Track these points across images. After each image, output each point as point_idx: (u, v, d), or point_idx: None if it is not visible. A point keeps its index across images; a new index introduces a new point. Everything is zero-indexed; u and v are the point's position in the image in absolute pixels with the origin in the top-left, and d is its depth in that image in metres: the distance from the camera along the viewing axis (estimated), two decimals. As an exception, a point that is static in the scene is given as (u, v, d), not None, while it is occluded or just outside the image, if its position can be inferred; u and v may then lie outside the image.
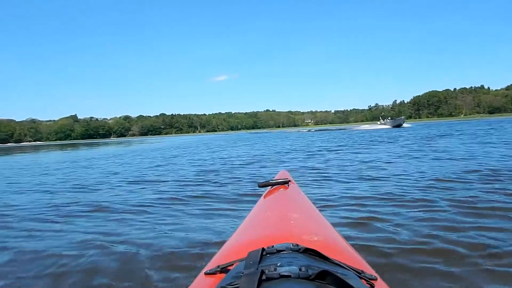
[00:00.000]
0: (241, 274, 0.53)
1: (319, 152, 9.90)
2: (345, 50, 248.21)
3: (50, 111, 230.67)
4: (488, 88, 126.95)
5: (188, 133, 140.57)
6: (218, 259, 0.79)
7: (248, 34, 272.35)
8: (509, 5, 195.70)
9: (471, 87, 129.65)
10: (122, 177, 6.40)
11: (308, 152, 10.32)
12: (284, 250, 0.64)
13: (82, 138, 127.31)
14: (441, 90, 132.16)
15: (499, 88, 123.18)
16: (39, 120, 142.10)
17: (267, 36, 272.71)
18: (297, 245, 0.65)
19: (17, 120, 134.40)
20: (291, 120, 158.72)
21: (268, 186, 1.46)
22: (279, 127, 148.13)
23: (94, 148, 26.34)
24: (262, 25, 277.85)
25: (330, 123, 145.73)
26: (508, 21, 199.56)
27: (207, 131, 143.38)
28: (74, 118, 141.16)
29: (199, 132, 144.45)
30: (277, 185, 1.43)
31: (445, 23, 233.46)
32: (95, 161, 11.45)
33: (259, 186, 1.47)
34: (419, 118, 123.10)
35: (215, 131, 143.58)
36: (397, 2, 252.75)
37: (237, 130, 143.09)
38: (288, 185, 1.42)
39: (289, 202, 1.23)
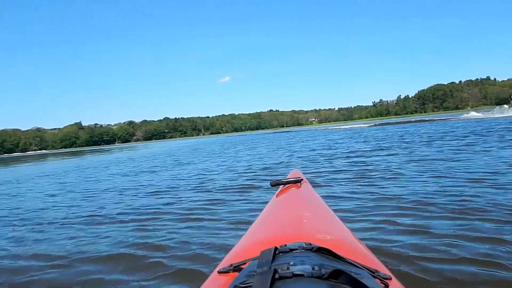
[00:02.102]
0: (254, 273, 0.53)
1: None
2: (348, 47, 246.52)
3: (55, 119, 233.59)
4: (495, 79, 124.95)
5: (192, 136, 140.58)
6: (231, 257, 0.79)
7: (250, 35, 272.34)
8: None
9: (477, 79, 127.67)
10: None
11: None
12: (297, 249, 0.63)
13: (87, 145, 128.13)
14: (446, 83, 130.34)
15: (505, 79, 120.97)
16: (44, 129, 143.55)
17: (269, 36, 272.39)
18: (310, 244, 0.65)
19: (22, 129, 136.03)
20: (295, 119, 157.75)
21: (280, 185, 1.45)
22: (282, 126, 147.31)
23: (70, 158, 24.34)
24: (263, 25, 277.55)
25: (334, 121, 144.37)
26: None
27: (211, 133, 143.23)
28: (78, 125, 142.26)
29: (203, 134, 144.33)
30: (290, 184, 1.42)
31: (448, 14, 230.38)
32: (19, 184, 8.43)
33: (271, 185, 1.45)
34: (425, 112, 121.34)
35: (219, 133, 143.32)
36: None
37: (241, 131, 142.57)
38: (301, 184, 1.41)
39: (302, 201, 1.22)
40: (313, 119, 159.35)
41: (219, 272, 0.69)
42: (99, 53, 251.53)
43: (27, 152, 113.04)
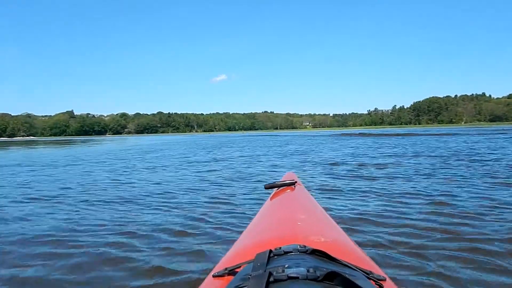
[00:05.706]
0: (249, 276, 0.53)
1: None
2: (345, 53, 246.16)
3: (48, 107, 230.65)
4: (490, 96, 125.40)
5: (185, 132, 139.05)
6: (226, 261, 0.79)
7: (248, 35, 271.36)
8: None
9: (473, 94, 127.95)
10: None
11: None
12: (292, 252, 0.64)
13: (77, 135, 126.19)
14: (442, 96, 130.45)
15: (500, 96, 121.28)
16: (35, 115, 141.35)
17: (267, 37, 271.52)
18: (305, 246, 0.65)
19: (13, 115, 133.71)
20: (289, 122, 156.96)
21: (274, 187, 1.44)
22: (276, 128, 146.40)
23: (36, 147, 22.53)
24: (262, 26, 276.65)
25: (328, 127, 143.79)
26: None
27: (204, 131, 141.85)
28: (70, 114, 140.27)
29: (196, 131, 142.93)
30: (284, 187, 1.41)
31: (447, 28, 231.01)
32: None
33: (265, 188, 1.45)
34: (419, 124, 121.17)
35: (212, 131, 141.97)
36: (397, 6, 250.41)
37: (234, 131, 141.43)
38: (295, 186, 1.41)
39: (296, 204, 1.22)
40: (307, 123, 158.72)
41: (214, 276, 0.69)
42: (97, 45, 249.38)
43: (14, 138, 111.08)
